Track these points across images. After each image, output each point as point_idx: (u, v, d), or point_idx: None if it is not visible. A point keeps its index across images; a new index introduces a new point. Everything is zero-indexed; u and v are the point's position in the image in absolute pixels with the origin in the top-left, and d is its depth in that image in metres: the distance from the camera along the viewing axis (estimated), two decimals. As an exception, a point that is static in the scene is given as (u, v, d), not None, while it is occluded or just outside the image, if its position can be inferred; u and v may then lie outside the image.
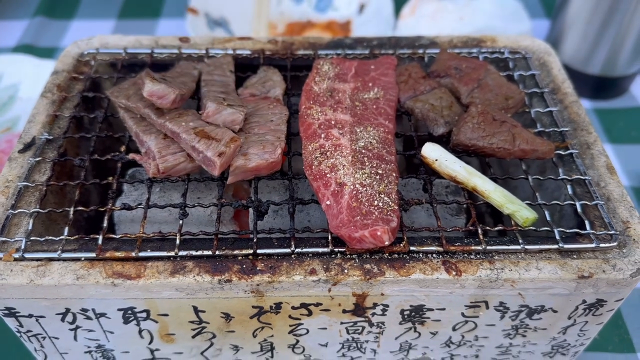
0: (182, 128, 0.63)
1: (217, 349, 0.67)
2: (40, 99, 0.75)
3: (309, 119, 0.69)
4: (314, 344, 0.67)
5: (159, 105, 0.65)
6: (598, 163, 0.68)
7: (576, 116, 0.74)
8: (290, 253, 0.59)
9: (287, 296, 0.59)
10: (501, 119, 0.68)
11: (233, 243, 0.60)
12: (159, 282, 0.57)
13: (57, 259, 0.58)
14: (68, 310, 0.60)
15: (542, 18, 1.43)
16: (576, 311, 0.62)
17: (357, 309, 0.61)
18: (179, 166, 0.64)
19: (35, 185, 0.65)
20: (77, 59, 0.81)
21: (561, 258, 0.59)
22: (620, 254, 0.59)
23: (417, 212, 0.71)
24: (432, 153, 0.66)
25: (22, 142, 0.69)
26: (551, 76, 0.80)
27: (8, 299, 0.59)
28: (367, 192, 0.60)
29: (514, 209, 0.61)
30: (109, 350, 0.67)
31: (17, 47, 1.33)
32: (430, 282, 0.57)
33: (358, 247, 0.58)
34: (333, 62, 0.78)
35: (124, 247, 0.59)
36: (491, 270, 0.58)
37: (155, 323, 0.63)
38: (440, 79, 0.76)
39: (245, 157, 0.63)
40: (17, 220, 0.62)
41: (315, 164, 0.64)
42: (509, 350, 0.69)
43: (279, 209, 0.70)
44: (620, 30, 1.09)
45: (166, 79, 0.67)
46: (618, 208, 0.63)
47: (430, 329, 0.65)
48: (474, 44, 0.84)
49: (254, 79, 0.77)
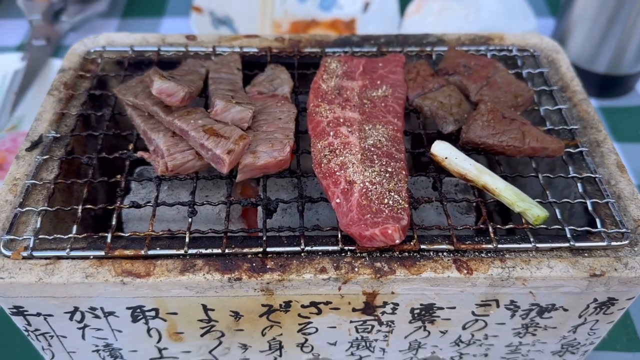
0: (191, 126, 0.63)
1: (225, 348, 0.67)
2: (47, 97, 0.74)
3: (317, 116, 0.69)
4: (322, 343, 0.67)
5: (167, 103, 0.65)
6: (608, 161, 0.68)
7: (585, 114, 0.74)
8: (300, 251, 0.59)
9: (296, 295, 0.59)
10: (511, 117, 0.68)
11: (242, 241, 0.60)
12: (168, 281, 0.56)
13: (65, 257, 0.58)
14: (76, 308, 0.60)
15: (548, 17, 1.42)
16: (587, 310, 0.62)
17: (367, 308, 0.61)
18: (187, 164, 0.63)
19: (43, 184, 0.64)
20: (83, 57, 0.81)
21: (572, 256, 0.59)
22: (631, 252, 0.59)
23: (426, 211, 0.70)
24: (442, 151, 0.65)
25: (30, 140, 0.69)
26: (560, 74, 0.79)
27: (16, 298, 0.58)
28: (377, 190, 0.60)
29: (525, 207, 0.61)
30: (117, 349, 0.67)
31: (21, 46, 1.32)
32: (441, 280, 0.57)
33: (368, 246, 0.58)
34: (341, 60, 0.77)
35: (132, 245, 0.59)
36: (502, 268, 0.57)
37: (164, 322, 0.62)
38: (449, 77, 0.75)
39: (254, 155, 0.63)
40: (25, 218, 0.62)
41: (324, 162, 0.64)
42: (518, 349, 0.69)
43: (288, 207, 0.69)
44: (626, 28, 1.08)
45: (174, 77, 0.67)
46: (629, 206, 0.63)
47: (440, 328, 0.65)
48: (482, 42, 0.84)
49: (261, 77, 0.77)
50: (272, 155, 0.63)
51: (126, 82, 0.71)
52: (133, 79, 0.71)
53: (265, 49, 0.82)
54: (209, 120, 0.64)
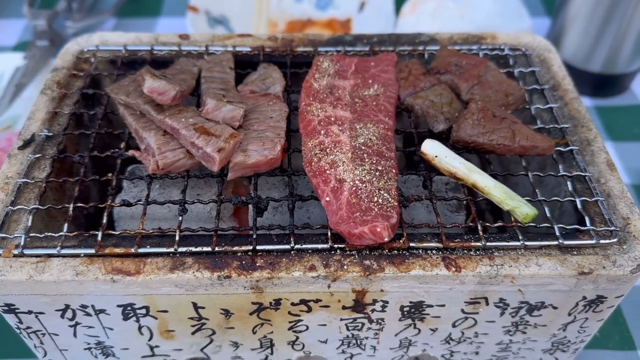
0: (182, 124, 0.63)
1: (216, 346, 0.67)
2: (40, 96, 0.75)
3: (308, 115, 0.69)
4: (313, 341, 0.67)
5: (159, 102, 0.65)
6: (598, 159, 0.68)
7: (576, 113, 0.74)
8: (290, 249, 0.59)
9: (286, 292, 0.59)
10: (501, 116, 0.68)
11: (232, 239, 0.60)
12: (158, 278, 0.57)
13: (56, 255, 0.58)
14: (67, 306, 0.60)
15: (543, 16, 1.42)
16: (576, 307, 0.62)
17: (357, 305, 0.61)
18: (178, 163, 0.64)
19: (35, 182, 0.65)
20: (77, 56, 0.81)
21: (561, 254, 0.59)
22: (620, 250, 0.59)
23: (416, 209, 0.71)
24: (432, 149, 0.65)
25: (22, 138, 0.69)
26: (551, 73, 0.79)
27: (7, 295, 0.59)
28: (366, 189, 0.60)
29: (513, 205, 0.61)
30: (109, 347, 0.67)
31: (17, 46, 1.33)
32: (429, 278, 0.57)
33: (358, 244, 0.58)
34: (333, 59, 0.78)
35: (123, 243, 0.59)
36: (491, 266, 0.58)
37: (154, 319, 0.62)
38: (441, 76, 0.75)
39: (245, 154, 0.63)
40: (16, 216, 0.62)
41: (314, 160, 0.64)
42: (509, 347, 0.69)
43: (279, 206, 0.70)
44: (621, 27, 1.09)
45: (166, 76, 0.67)
46: (618, 204, 0.63)
47: (430, 326, 0.65)
48: (474, 41, 0.84)
49: (253, 76, 0.77)
50: (262, 154, 0.63)
51: (119, 81, 0.71)
52: (125, 78, 0.71)
53: (258, 48, 0.82)
54: (200, 119, 0.64)
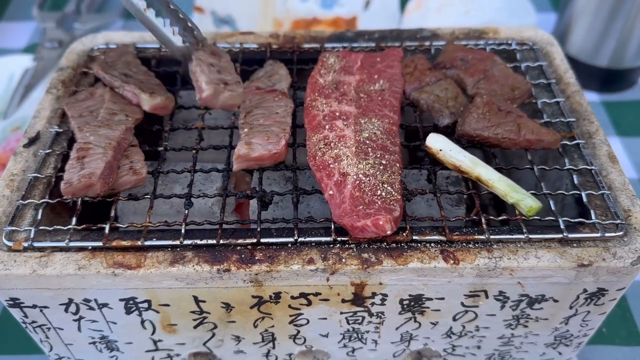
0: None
1: (219, 340, 0.68)
2: (46, 95, 0.76)
3: (313, 110, 0.70)
4: (314, 335, 0.67)
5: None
6: (600, 152, 0.68)
7: (578, 106, 0.73)
8: (294, 242, 0.59)
9: (286, 286, 0.59)
10: (507, 110, 0.68)
11: (233, 233, 0.60)
12: (158, 272, 0.57)
13: (65, 248, 0.59)
14: (71, 300, 0.61)
15: (549, 11, 1.42)
16: (577, 300, 0.62)
17: (356, 299, 0.61)
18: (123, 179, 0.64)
19: (44, 177, 0.66)
20: (82, 56, 0.82)
21: (560, 247, 0.59)
22: (621, 242, 0.59)
23: (416, 203, 0.71)
24: (437, 143, 0.65)
25: (27, 136, 0.70)
26: (553, 66, 0.79)
27: (12, 290, 0.60)
28: (370, 182, 0.61)
29: (518, 197, 0.61)
30: (113, 341, 0.68)
31: (27, 48, 1.35)
32: (428, 271, 0.57)
33: (361, 237, 0.58)
34: (339, 55, 0.78)
35: (128, 237, 0.60)
36: (489, 258, 0.57)
37: (156, 313, 0.63)
38: (447, 71, 0.75)
39: (249, 147, 0.64)
40: (25, 211, 0.63)
41: (319, 154, 0.64)
42: (511, 341, 0.69)
43: (279, 201, 0.70)
44: (628, 21, 1.08)
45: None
46: (619, 197, 0.63)
47: (431, 319, 0.65)
48: (476, 36, 0.84)
49: (260, 73, 0.77)
50: (266, 148, 0.64)
51: (74, 96, 0.74)
52: (80, 93, 0.73)
53: (265, 45, 0.83)
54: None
